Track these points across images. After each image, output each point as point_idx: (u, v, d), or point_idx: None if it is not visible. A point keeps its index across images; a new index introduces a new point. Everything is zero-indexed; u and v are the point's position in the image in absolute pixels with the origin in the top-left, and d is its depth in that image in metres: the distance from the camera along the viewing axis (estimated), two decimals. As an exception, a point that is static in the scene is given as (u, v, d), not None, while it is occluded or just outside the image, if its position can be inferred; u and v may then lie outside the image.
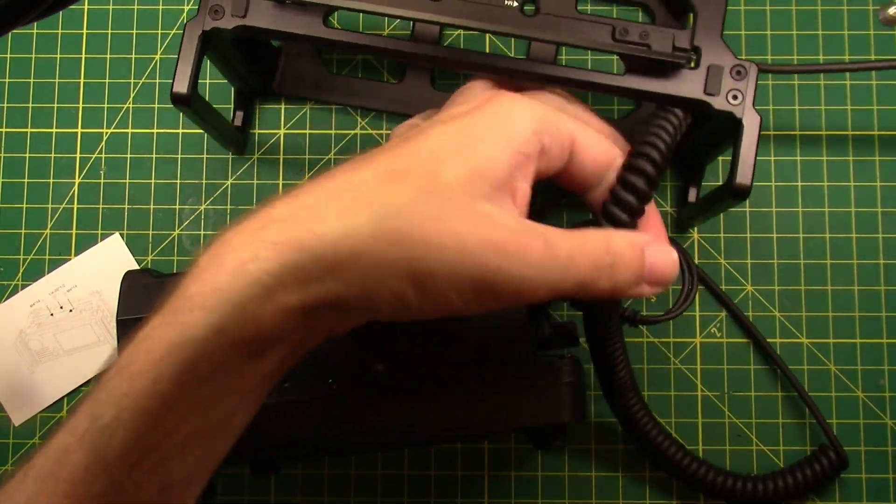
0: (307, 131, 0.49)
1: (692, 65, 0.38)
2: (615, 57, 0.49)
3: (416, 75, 0.49)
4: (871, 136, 0.48)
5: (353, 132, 0.49)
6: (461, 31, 0.49)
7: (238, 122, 0.48)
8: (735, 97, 0.38)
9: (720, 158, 0.48)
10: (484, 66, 0.38)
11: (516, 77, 0.38)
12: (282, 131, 0.49)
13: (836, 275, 0.48)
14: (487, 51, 0.49)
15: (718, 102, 0.38)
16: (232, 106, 0.48)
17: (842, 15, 0.49)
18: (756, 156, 0.38)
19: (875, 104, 0.49)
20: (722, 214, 0.48)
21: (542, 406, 0.36)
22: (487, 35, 0.49)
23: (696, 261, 0.48)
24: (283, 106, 0.49)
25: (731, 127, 0.39)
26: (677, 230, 0.48)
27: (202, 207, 0.49)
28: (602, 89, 0.39)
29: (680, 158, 0.47)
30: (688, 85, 0.38)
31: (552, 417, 0.36)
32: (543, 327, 0.39)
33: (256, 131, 0.49)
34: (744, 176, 0.38)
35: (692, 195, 0.47)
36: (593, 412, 0.47)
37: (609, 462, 0.47)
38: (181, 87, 0.39)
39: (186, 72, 0.39)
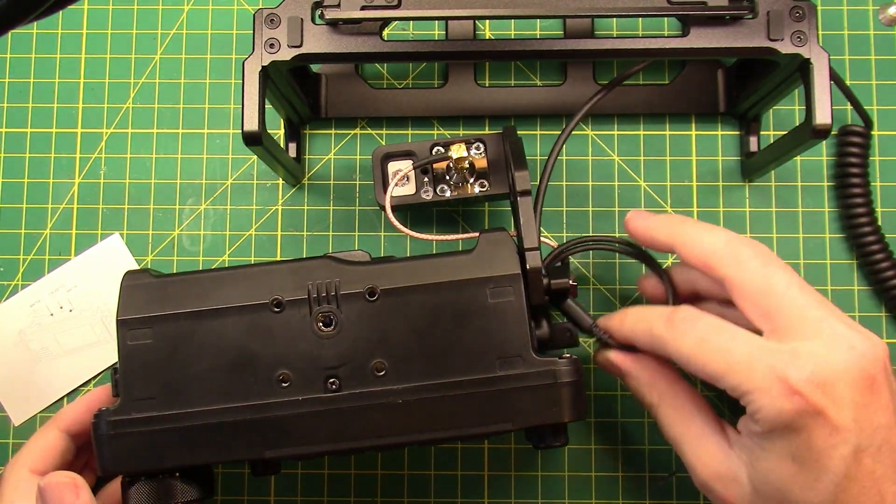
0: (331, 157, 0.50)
1: (750, 14, 0.39)
2: (639, 20, 0.49)
3: (459, 76, 0.49)
4: (872, 136, 0.48)
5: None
6: (488, 22, 0.50)
7: (293, 153, 0.48)
8: (799, 38, 0.38)
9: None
10: (540, 52, 0.38)
11: (574, 57, 0.39)
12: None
13: (836, 275, 0.48)
14: (513, 35, 0.50)
15: (785, 46, 0.38)
16: (283, 138, 0.48)
17: (842, 15, 0.49)
18: (831, 93, 0.38)
19: (875, 104, 0.49)
20: (721, 213, 0.48)
21: (542, 406, 0.36)
22: (513, 21, 0.50)
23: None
24: (308, 132, 0.49)
25: (794, 70, 0.39)
26: (745, 179, 0.49)
27: (202, 207, 0.49)
28: (665, 54, 0.39)
29: (735, 110, 0.48)
30: (750, 35, 0.39)
31: (552, 417, 0.36)
32: (543, 327, 0.39)
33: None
34: (823, 115, 0.38)
35: (753, 145, 0.48)
36: (593, 412, 0.47)
37: (609, 462, 0.47)
38: (252, 125, 0.39)
39: (254, 110, 0.39)
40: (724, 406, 0.46)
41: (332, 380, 0.36)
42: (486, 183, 0.44)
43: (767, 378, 0.33)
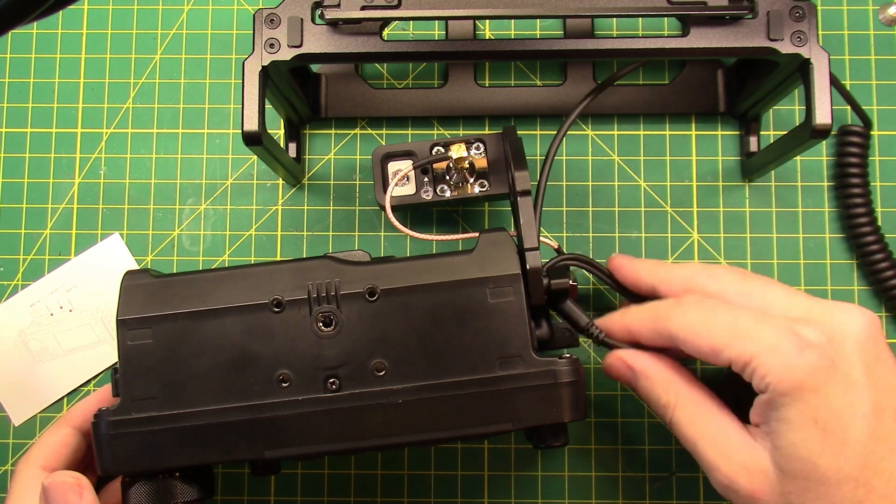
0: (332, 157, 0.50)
1: (750, 14, 0.39)
2: (639, 20, 0.50)
3: (459, 76, 0.49)
4: (871, 136, 0.48)
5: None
6: (488, 22, 0.50)
7: (293, 153, 0.48)
8: (799, 38, 0.38)
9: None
10: (540, 52, 0.39)
11: (574, 57, 0.39)
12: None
13: (836, 275, 0.48)
14: (513, 35, 0.50)
15: (784, 46, 0.39)
16: (282, 138, 0.48)
17: (842, 15, 0.49)
18: (831, 93, 0.39)
19: (875, 104, 0.49)
20: (721, 213, 0.48)
21: (542, 406, 0.36)
22: (513, 21, 0.50)
23: (696, 260, 0.48)
24: (308, 132, 0.49)
25: (794, 70, 0.39)
26: (745, 179, 0.49)
27: (202, 207, 0.49)
28: (665, 54, 0.39)
29: (735, 110, 0.48)
30: (750, 35, 0.39)
31: (552, 417, 0.36)
32: (543, 327, 0.39)
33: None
34: (822, 115, 0.38)
35: (753, 145, 0.48)
36: (593, 412, 0.47)
37: (609, 462, 0.47)
38: (252, 125, 0.39)
39: (254, 110, 0.39)
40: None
41: (332, 380, 0.36)
42: (486, 183, 0.44)
43: (776, 337, 0.33)
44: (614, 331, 0.39)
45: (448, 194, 0.44)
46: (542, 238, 0.39)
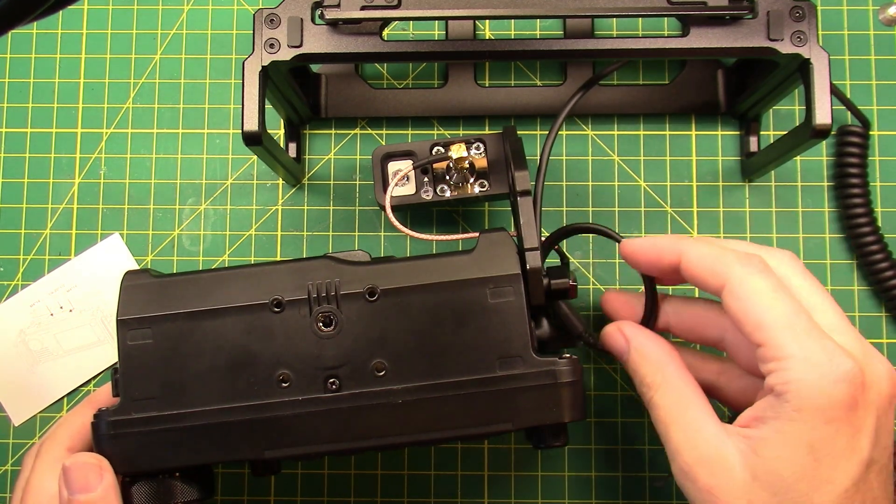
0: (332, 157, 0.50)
1: (750, 14, 0.39)
2: (639, 20, 0.50)
3: (459, 76, 0.49)
4: (870, 136, 0.48)
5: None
6: (488, 22, 0.50)
7: (293, 153, 0.48)
8: (799, 38, 0.39)
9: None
10: (540, 52, 0.39)
11: (574, 57, 0.39)
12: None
13: (836, 275, 0.48)
14: (513, 35, 0.50)
15: (784, 47, 0.39)
16: (282, 138, 0.48)
17: (842, 15, 0.49)
18: (830, 93, 0.39)
19: (875, 104, 0.49)
20: (721, 213, 0.48)
21: (542, 406, 0.36)
22: (513, 21, 0.50)
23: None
24: (308, 132, 0.49)
25: (794, 70, 0.39)
26: (745, 179, 0.49)
27: (202, 207, 0.49)
28: (665, 54, 0.39)
29: (735, 110, 0.48)
30: (750, 35, 0.39)
31: (552, 417, 0.36)
32: (543, 327, 0.39)
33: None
34: (822, 115, 0.38)
35: (753, 145, 0.48)
36: (593, 412, 0.47)
37: (609, 462, 0.47)
38: (252, 125, 0.39)
39: (254, 110, 0.39)
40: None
41: (332, 380, 0.36)
42: (486, 183, 0.44)
43: (820, 354, 0.32)
44: (638, 244, 0.39)
45: (448, 194, 0.44)
46: (542, 238, 0.39)
